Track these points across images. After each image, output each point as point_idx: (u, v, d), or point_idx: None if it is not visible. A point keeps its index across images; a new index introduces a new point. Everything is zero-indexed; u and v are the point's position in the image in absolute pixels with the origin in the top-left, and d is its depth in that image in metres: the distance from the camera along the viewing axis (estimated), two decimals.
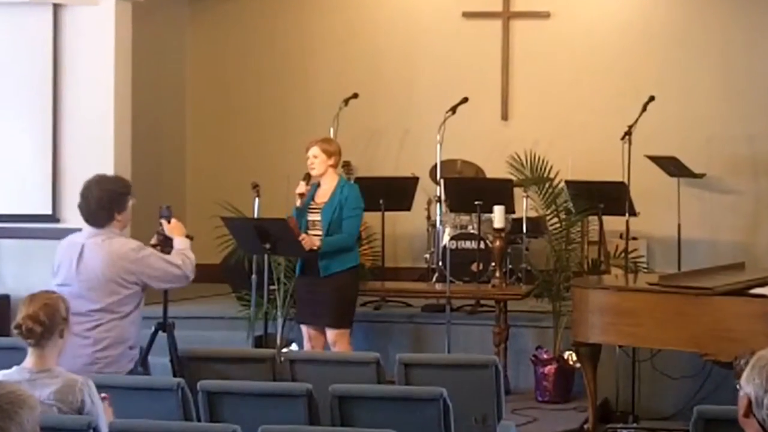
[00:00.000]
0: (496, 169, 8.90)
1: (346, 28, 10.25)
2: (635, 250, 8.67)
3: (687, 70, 9.74)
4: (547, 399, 7.56)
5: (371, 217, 8.72)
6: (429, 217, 9.23)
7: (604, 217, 8.38)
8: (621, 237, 8.42)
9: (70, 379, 4.12)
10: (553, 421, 7.15)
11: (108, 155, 8.21)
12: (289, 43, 10.29)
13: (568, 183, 8.34)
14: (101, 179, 5.46)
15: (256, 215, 7.60)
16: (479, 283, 8.32)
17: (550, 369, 7.56)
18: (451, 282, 7.77)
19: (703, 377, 7.10)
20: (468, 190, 8.57)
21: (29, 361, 4.14)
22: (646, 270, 8.56)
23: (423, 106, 9.86)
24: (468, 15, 10.03)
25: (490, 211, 7.93)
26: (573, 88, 9.84)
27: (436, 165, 8.95)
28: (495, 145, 9.48)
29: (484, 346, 7.72)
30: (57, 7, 8.24)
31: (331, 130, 8.97)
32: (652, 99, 8.53)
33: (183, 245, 5.59)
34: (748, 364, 3.07)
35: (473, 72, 9.92)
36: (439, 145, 8.84)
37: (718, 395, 6.68)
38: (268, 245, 6.92)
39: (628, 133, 8.22)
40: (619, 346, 7.17)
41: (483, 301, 8.32)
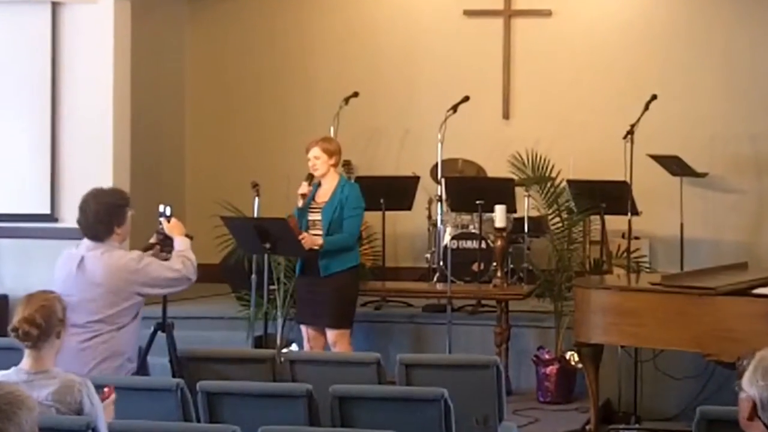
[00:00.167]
0: (497, 168, 8.89)
1: (346, 26, 10.23)
2: (637, 249, 8.67)
3: (689, 68, 9.72)
4: (548, 400, 7.55)
5: (372, 217, 8.70)
6: (430, 217, 9.22)
7: (606, 217, 8.36)
8: (623, 236, 8.41)
9: (68, 380, 4.09)
10: (554, 422, 7.13)
11: (107, 155, 8.21)
12: (289, 41, 10.27)
13: (569, 182, 8.34)
14: (98, 193, 5.41)
15: (255, 215, 7.58)
16: (480, 283, 8.32)
17: (551, 369, 7.54)
18: (452, 282, 7.77)
19: (706, 378, 7.09)
20: (469, 189, 8.55)
21: (26, 362, 4.11)
22: (648, 270, 8.55)
23: (424, 104, 9.84)
24: (469, 13, 10.00)
25: (492, 211, 7.92)
26: (575, 86, 9.82)
27: (437, 164, 8.94)
28: (496, 144, 9.47)
29: (485, 346, 7.71)
30: (56, 6, 8.24)
31: (332, 129, 8.96)
32: (654, 98, 8.50)
33: (183, 246, 5.56)
34: (750, 365, 3.02)
35: (474, 71, 9.90)
36: (440, 144, 8.82)
37: (720, 396, 6.65)
38: (268, 245, 6.91)
39: (631, 132, 8.21)
40: (622, 347, 7.16)
41: (484, 301, 8.32)
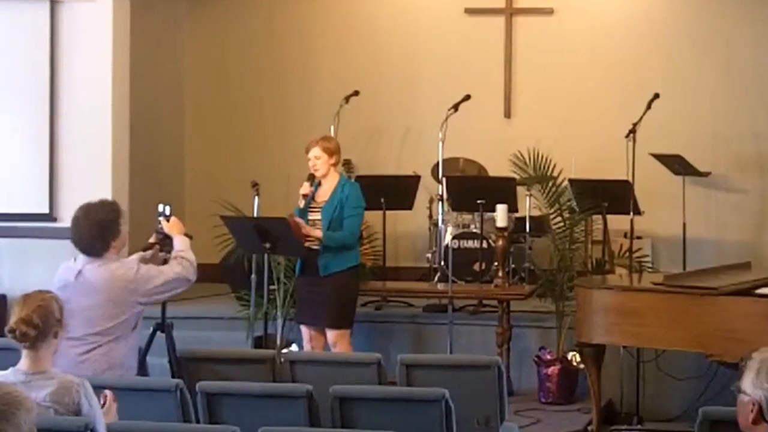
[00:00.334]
0: (498, 167, 8.87)
1: (346, 24, 10.22)
2: (640, 249, 8.67)
3: (692, 66, 9.70)
4: (550, 400, 7.54)
5: (372, 216, 8.70)
6: (431, 216, 9.20)
7: (608, 216, 8.34)
8: (625, 236, 8.39)
9: (66, 381, 4.08)
10: (556, 423, 7.13)
11: (105, 153, 8.20)
12: (288, 38, 10.25)
13: (571, 181, 8.33)
14: (88, 209, 5.30)
15: (255, 214, 7.56)
16: (482, 283, 8.30)
17: (553, 370, 7.54)
18: (453, 282, 7.77)
19: (709, 378, 7.07)
20: (470, 188, 8.53)
21: (24, 363, 4.10)
22: (650, 269, 8.55)
23: (425, 103, 9.81)
24: (470, 11, 9.98)
25: (493, 210, 7.90)
26: (576, 85, 9.81)
27: (438, 163, 8.92)
28: (498, 143, 9.45)
29: (486, 346, 7.70)
30: (54, 3, 8.23)
31: (332, 127, 8.94)
32: (656, 96, 8.49)
33: (183, 246, 5.53)
34: (750, 368, 2.98)
35: (476, 69, 9.88)
36: (441, 143, 8.79)
37: (723, 396, 6.58)
38: (268, 244, 6.91)
39: (633, 131, 8.20)
40: (624, 347, 7.16)
41: (485, 301, 8.31)
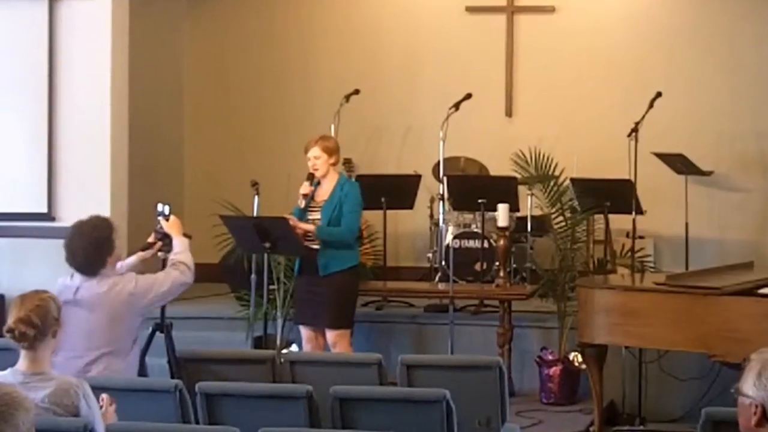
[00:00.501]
0: (500, 166, 8.85)
1: (347, 22, 10.20)
2: (642, 249, 8.67)
3: (695, 65, 9.69)
4: (552, 401, 7.53)
5: (373, 216, 8.69)
6: (432, 216, 9.19)
7: (610, 216, 8.33)
8: (627, 236, 8.41)
9: (64, 382, 4.08)
10: (558, 424, 7.12)
11: (104, 152, 8.18)
12: (288, 37, 10.24)
13: (573, 181, 8.32)
14: (80, 228, 5.25)
15: (255, 214, 7.54)
16: (483, 283, 8.29)
17: (555, 370, 7.53)
18: (454, 282, 7.78)
19: (711, 379, 7.06)
20: (471, 188, 8.52)
21: (22, 363, 4.10)
22: (653, 269, 8.54)
23: (425, 102, 9.79)
24: (471, 10, 9.96)
25: (494, 210, 7.89)
26: (578, 84, 9.80)
27: (438, 162, 8.90)
28: (499, 142, 9.43)
29: (487, 347, 7.67)
30: (53, 2, 8.20)
31: (332, 126, 8.93)
32: (659, 95, 8.50)
33: (181, 247, 5.53)
34: (750, 369, 2.95)
35: (477, 68, 9.87)
36: (442, 142, 8.77)
37: (726, 397, 6.52)
38: (267, 244, 6.91)
39: (635, 130, 8.21)
40: (626, 347, 7.16)
41: (487, 301, 8.31)
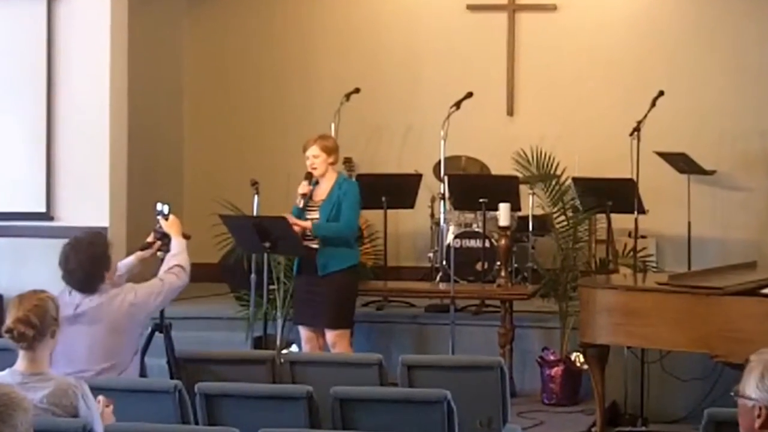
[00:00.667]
0: (501, 165, 8.84)
1: (347, 21, 10.21)
2: (644, 248, 8.66)
3: (697, 64, 9.69)
4: (553, 401, 7.53)
5: (373, 215, 8.68)
6: (432, 215, 9.19)
7: (613, 215, 8.32)
8: (629, 235, 8.39)
9: (63, 383, 4.07)
10: (559, 424, 7.12)
11: (104, 152, 8.18)
12: (288, 36, 10.24)
13: (575, 180, 8.31)
14: (77, 245, 5.19)
15: (255, 213, 7.54)
16: (484, 283, 8.29)
17: (556, 371, 7.53)
18: (455, 281, 7.78)
19: (714, 379, 7.02)
20: (472, 187, 8.51)
21: (21, 364, 4.09)
22: (655, 269, 8.55)
23: (426, 101, 9.79)
24: (473, 8, 9.96)
25: (495, 209, 7.90)
26: (580, 82, 9.80)
27: (439, 161, 8.88)
28: (500, 141, 9.43)
29: (489, 347, 7.67)
30: (51, 1, 8.19)
31: (332, 125, 8.92)
32: (661, 94, 8.48)
33: (179, 248, 5.53)
34: (751, 371, 2.91)
35: (478, 66, 9.87)
36: (442, 141, 8.74)
37: (728, 398, 6.51)
38: (267, 244, 6.90)
39: (637, 129, 8.18)
40: (628, 348, 7.13)
41: (488, 301, 8.31)
